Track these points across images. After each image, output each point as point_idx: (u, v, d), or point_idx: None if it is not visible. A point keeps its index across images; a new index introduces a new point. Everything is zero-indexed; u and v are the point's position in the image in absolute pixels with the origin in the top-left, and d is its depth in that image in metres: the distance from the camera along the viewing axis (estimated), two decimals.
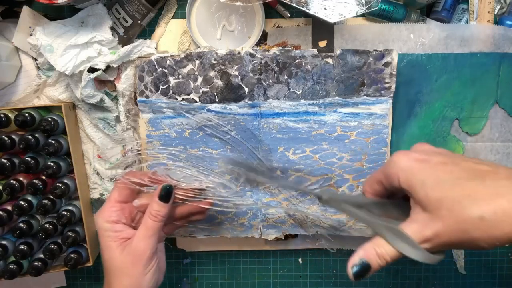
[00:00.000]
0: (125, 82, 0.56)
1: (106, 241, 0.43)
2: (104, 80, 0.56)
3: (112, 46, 0.55)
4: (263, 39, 0.57)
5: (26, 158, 0.53)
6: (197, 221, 0.49)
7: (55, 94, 0.57)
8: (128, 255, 0.41)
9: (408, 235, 0.31)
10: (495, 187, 0.29)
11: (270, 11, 0.58)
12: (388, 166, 0.34)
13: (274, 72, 0.53)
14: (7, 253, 0.54)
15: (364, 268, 0.33)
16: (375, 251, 0.33)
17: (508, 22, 0.56)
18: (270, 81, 0.53)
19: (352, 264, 0.34)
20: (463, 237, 0.29)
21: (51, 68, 0.56)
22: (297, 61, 0.52)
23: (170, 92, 0.53)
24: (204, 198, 0.46)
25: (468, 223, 0.29)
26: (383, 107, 0.53)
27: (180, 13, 0.58)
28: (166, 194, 0.43)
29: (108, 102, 0.57)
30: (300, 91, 0.53)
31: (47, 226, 0.54)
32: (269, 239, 0.58)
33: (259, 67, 0.52)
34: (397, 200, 0.36)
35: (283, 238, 0.58)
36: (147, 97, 0.54)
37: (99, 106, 0.57)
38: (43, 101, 0.58)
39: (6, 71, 0.55)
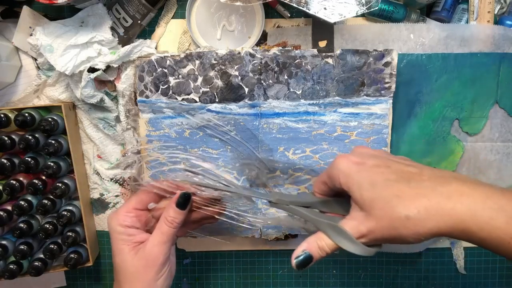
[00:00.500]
0: (125, 82, 0.56)
1: (118, 244, 0.42)
2: (104, 80, 0.56)
3: (112, 46, 0.55)
4: (263, 39, 0.57)
5: (26, 158, 0.53)
6: (209, 224, 0.49)
7: (55, 94, 0.57)
8: (141, 259, 0.41)
9: (347, 231, 0.35)
10: (418, 188, 0.32)
11: (270, 11, 0.58)
12: (331, 168, 0.37)
13: (274, 72, 0.53)
14: (7, 253, 0.54)
15: (307, 258, 0.37)
16: (317, 244, 0.37)
17: (508, 22, 0.56)
18: (270, 81, 0.53)
19: (296, 255, 0.37)
20: (393, 234, 0.33)
21: (51, 68, 0.56)
22: (297, 61, 0.52)
23: (170, 92, 0.53)
24: (220, 207, 0.46)
25: (396, 222, 0.32)
26: (383, 107, 0.53)
27: (180, 13, 0.58)
28: (184, 202, 0.42)
29: (108, 102, 0.57)
30: (300, 91, 0.53)
31: (47, 226, 0.54)
32: (269, 239, 0.58)
33: (259, 67, 0.52)
34: (341, 199, 0.39)
35: (283, 238, 0.58)
36: (147, 97, 0.54)
37: (99, 106, 0.57)
38: (43, 101, 0.58)
39: (6, 71, 0.55)
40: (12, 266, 0.54)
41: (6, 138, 0.52)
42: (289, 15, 0.57)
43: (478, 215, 0.30)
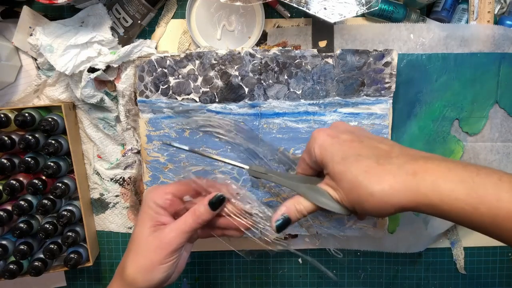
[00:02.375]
0: (125, 82, 0.56)
1: (143, 217, 0.43)
2: (104, 80, 0.56)
3: (112, 46, 0.55)
4: (263, 39, 0.57)
5: (26, 158, 0.53)
6: (231, 236, 0.48)
7: (55, 94, 0.57)
8: (155, 239, 0.41)
9: (326, 191, 0.37)
10: (386, 165, 0.34)
11: (270, 11, 0.58)
12: (309, 142, 0.39)
13: (274, 72, 0.53)
14: (7, 253, 0.54)
15: (285, 221, 0.39)
16: (295, 207, 0.39)
17: (508, 22, 0.56)
18: (270, 81, 0.53)
19: (276, 219, 0.39)
20: (358, 206, 0.35)
21: (51, 68, 0.56)
22: (297, 61, 0.52)
23: (170, 92, 0.53)
24: (250, 222, 0.46)
25: (362, 197, 0.34)
26: (383, 107, 0.53)
27: (180, 13, 0.58)
28: (217, 203, 0.42)
29: (108, 102, 0.57)
30: (300, 91, 0.53)
31: (47, 226, 0.54)
32: (269, 239, 0.58)
33: (259, 67, 0.52)
34: (321, 178, 0.40)
35: (283, 238, 0.58)
36: (147, 97, 0.54)
37: (99, 106, 0.57)
38: (43, 101, 0.58)
39: (6, 71, 0.55)
40: (12, 266, 0.54)
41: (6, 138, 0.52)
42: (289, 15, 0.57)
43: (440, 189, 0.31)
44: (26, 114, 0.52)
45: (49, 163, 0.53)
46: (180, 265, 0.45)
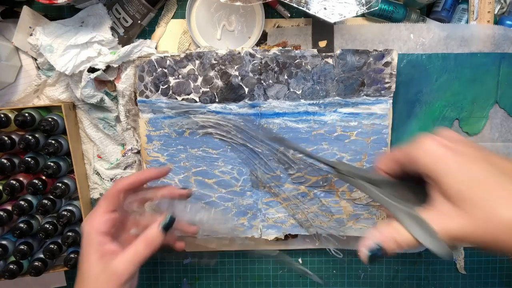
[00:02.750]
0: (125, 82, 0.56)
1: (87, 250, 0.40)
2: (104, 80, 0.56)
3: (112, 46, 0.55)
4: (263, 39, 0.57)
5: (26, 158, 0.53)
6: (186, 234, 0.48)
7: (55, 94, 0.57)
8: (105, 272, 0.39)
9: (430, 225, 0.29)
10: None
11: (270, 11, 0.58)
12: (413, 148, 0.32)
13: (274, 72, 0.53)
14: (7, 253, 0.54)
15: (379, 252, 0.31)
16: (394, 237, 0.31)
17: (508, 22, 0.56)
18: (270, 81, 0.53)
19: (368, 248, 0.31)
20: (488, 238, 0.28)
21: (51, 68, 0.56)
22: (297, 61, 0.52)
23: (170, 92, 0.53)
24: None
25: (498, 225, 0.27)
26: (383, 107, 0.53)
27: (180, 13, 0.58)
28: (170, 223, 0.41)
29: (108, 102, 0.57)
30: (300, 91, 0.53)
31: (47, 226, 0.54)
32: (269, 239, 0.58)
33: (259, 67, 0.52)
34: (411, 184, 0.34)
35: (283, 238, 0.58)
36: (147, 97, 0.54)
37: (99, 106, 0.57)
38: (43, 101, 0.58)
39: (6, 71, 0.55)
40: (12, 266, 0.54)
41: (6, 138, 0.52)
42: (289, 15, 0.57)
43: None
44: (26, 114, 0.52)
45: (49, 163, 0.53)
46: (132, 286, 0.43)
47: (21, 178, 0.54)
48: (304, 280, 0.65)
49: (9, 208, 0.54)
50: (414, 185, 0.33)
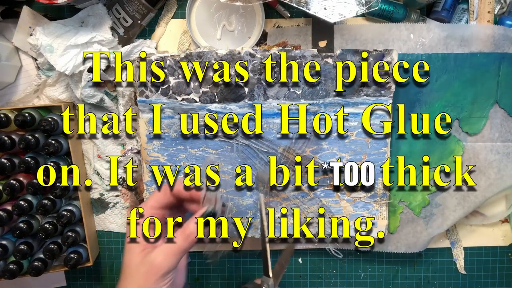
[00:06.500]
0: (125, 82, 0.56)
1: (130, 243, 0.41)
2: (104, 80, 0.56)
3: (112, 46, 0.55)
4: (263, 39, 0.57)
5: (26, 158, 0.53)
6: None
7: (55, 94, 0.57)
8: (145, 264, 0.40)
9: None
10: None
11: (270, 11, 0.58)
12: None
13: (274, 72, 0.53)
14: (7, 253, 0.54)
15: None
16: None
17: (508, 22, 0.56)
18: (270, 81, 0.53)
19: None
20: None
21: (51, 68, 0.56)
22: (297, 61, 0.52)
23: (170, 92, 0.53)
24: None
25: None
26: (383, 107, 0.53)
27: (180, 13, 0.58)
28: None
29: (108, 102, 0.57)
30: (300, 91, 0.53)
31: (47, 226, 0.54)
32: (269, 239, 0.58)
33: (259, 67, 0.52)
34: None
35: (282, 238, 0.58)
36: (147, 97, 0.54)
37: (99, 106, 0.57)
38: (43, 101, 0.58)
39: (6, 71, 0.55)
40: (12, 266, 0.54)
41: (6, 138, 0.52)
42: (289, 15, 0.57)
43: None
44: (26, 114, 0.52)
45: (49, 163, 0.53)
46: (178, 284, 0.44)
47: (21, 178, 0.54)
48: (304, 280, 0.65)
49: (9, 208, 0.54)
50: None
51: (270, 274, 0.45)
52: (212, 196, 0.42)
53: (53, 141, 0.53)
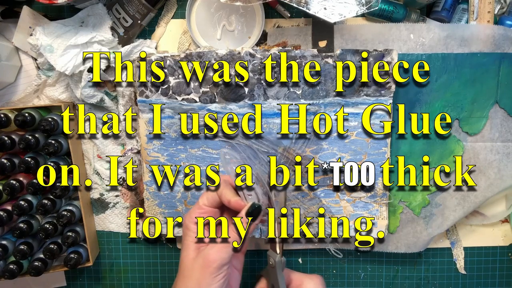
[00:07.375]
0: (125, 82, 0.56)
1: (186, 240, 0.44)
2: (104, 80, 0.56)
3: (112, 46, 0.55)
4: (263, 39, 0.57)
5: (26, 158, 0.53)
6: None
7: (55, 94, 0.57)
8: (200, 258, 0.42)
9: None
10: None
11: (270, 11, 0.58)
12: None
13: (274, 72, 0.53)
14: (7, 253, 0.54)
15: None
16: None
17: (508, 22, 0.56)
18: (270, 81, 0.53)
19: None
20: None
21: (51, 68, 0.56)
22: (297, 61, 0.52)
23: (170, 92, 0.53)
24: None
25: None
26: (383, 107, 0.53)
27: (180, 13, 0.58)
28: (254, 212, 0.43)
29: (108, 102, 0.57)
30: (300, 91, 0.53)
31: (47, 226, 0.54)
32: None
33: (259, 67, 0.52)
34: None
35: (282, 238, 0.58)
36: (147, 97, 0.54)
37: (99, 106, 0.57)
38: (43, 101, 0.58)
39: (6, 71, 0.55)
40: (12, 266, 0.54)
41: (6, 138, 0.52)
42: (289, 15, 0.57)
43: None
44: (26, 114, 0.52)
45: (49, 163, 0.53)
46: (232, 283, 0.46)
47: (21, 178, 0.54)
48: None
49: (9, 208, 0.54)
50: None
51: (278, 250, 0.47)
52: (250, 191, 0.45)
53: (53, 141, 0.53)
